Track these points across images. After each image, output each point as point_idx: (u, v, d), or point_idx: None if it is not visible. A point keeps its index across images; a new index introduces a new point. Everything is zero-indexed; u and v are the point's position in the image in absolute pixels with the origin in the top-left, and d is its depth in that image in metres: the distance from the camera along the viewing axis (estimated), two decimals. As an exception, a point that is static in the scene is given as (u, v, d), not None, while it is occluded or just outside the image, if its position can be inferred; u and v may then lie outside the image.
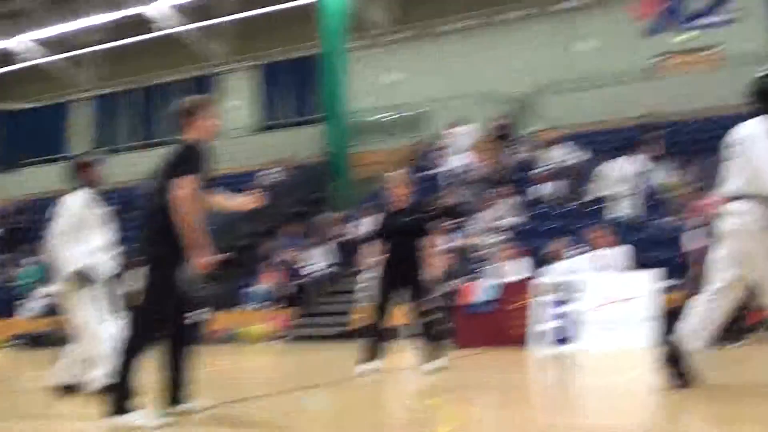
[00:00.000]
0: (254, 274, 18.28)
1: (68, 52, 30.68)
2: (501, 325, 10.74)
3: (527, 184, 18.60)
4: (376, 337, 8.40)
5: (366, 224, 18.07)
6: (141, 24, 27.78)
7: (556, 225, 16.10)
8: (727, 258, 5.47)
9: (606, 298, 10.48)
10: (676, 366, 5.53)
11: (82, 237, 6.22)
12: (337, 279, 17.69)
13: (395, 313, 8.56)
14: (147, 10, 27.67)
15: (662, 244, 13.49)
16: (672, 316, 10.35)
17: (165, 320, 5.14)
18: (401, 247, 8.33)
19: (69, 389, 6.69)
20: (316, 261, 17.18)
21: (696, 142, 19.34)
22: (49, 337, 17.32)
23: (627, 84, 22.60)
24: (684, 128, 20.47)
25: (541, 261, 13.20)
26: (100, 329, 6.36)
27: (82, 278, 6.41)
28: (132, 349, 4.93)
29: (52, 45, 30.80)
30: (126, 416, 4.76)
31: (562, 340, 10.35)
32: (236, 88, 29.87)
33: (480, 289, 11.48)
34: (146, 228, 5.30)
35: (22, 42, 30.50)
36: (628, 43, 24.07)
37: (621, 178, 16.22)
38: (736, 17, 22.68)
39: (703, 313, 5.53)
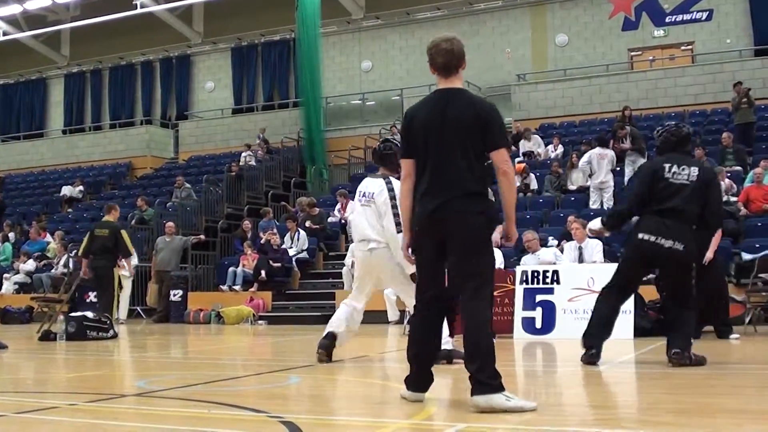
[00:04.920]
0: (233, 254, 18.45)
1: (47, 27, 30.37)
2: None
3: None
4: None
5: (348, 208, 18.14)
6: (121, 2, 27.53)
7: (533, 215, 16.32)
8: None
9: (583, 289, 10.64)
10: None
11: None
12: (315, 262, 17.82)
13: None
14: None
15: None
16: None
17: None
18: None
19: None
20: (295, 243, 17.25)
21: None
22: (24, 314, 17.23)
23: (602, 77, 22.88)
24: (657, 123, 20.79)
25: (519, 251, 13.41)
26: None
27: None
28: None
29: (30, 21, 30.46)
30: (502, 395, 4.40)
31: (540, 329, 10.53)
32: (212, 70, 29.79)
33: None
34: None
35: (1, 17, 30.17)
36: (603, 38, 24.38)
37: (595, 171, 16.43)
38: (710, 15, 23.06)
39: None
